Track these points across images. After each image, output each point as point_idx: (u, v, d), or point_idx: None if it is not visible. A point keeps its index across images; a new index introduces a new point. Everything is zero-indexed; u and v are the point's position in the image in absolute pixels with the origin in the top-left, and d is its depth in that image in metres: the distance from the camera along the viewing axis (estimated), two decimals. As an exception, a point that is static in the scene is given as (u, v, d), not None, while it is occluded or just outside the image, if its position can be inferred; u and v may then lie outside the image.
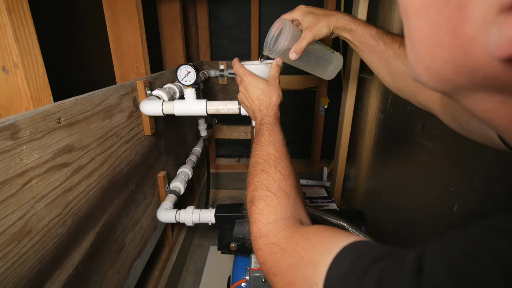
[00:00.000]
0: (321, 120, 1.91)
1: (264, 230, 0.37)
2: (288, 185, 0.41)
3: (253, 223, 0.38)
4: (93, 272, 0.62)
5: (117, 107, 0.71)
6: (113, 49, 0.89)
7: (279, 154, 0.45)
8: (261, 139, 0.48)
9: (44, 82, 0.50)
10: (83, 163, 0.58)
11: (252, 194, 0.42)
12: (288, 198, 0.40)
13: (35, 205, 0.45)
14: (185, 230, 1.41)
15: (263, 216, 0.38)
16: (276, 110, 0.55)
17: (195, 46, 1.79)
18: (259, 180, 0.42)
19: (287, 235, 0.34)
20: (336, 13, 0.55)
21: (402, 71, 0.51)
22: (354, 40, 0.55)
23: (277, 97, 0.56)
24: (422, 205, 0.88)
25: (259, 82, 0.57)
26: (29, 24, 0.46)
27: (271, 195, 0.40)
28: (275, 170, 0.43)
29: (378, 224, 1.18)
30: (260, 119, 0.53)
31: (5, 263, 0.40)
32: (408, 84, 0.51)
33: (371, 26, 0.53)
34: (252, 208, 0.40)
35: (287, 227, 0.35)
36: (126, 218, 0.77)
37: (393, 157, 1.12)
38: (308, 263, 0.28)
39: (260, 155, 0.46)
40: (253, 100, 0.57)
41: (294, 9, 0.58)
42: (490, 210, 0.60)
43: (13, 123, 0.41)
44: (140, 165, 0.86)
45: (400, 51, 0.51)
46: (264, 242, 0.36)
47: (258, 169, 0.44)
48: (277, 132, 0.50)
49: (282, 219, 0.37)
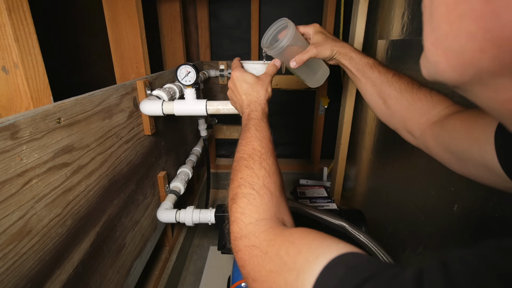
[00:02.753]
0: (321, 120, 1.91)
1: (245, 231, 0.35)
2: (272, 183, 0.40)
3: (234, 222, 0.37)
4: (93, 272, 0.62)
5: (117, 107, 0.71)
6: (113, 49, 0.89)
7: (265, 150, 0.44)
8: (247, 134, 0.47)
9: (44, 82, 0.50)
10: (83, 163, 0.58)
11: (234, 191, 0.40)
12: (272, 197, 0.38)
13: (35, 205, 0.45)
14: (185, 230, 1.41)
15: (245, 215, 0.36)
16: (264, 105, 0.53)
17: (195, 46, 1.79)
18: (242, 176, 0.41)
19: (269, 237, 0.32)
20: (342, 41, 0.59)
21: (394, 97, 0.53)
22: (352, 67, 0.58)
23: (265, 92, 0.55)
24: (422, 205, 0.88)
25: (247, 76, 0.56)
26: (29, 24, 0.46)
27: (255, 193, 0.38)
28: (259, 166, 0.41)
29: (378, 224, 1.18)
30: (247, 114, 0.52)
31: (5, 263, 0.40)
32: (398, 110, 0.52)
33: (369, 57, 0.57)
34: (233, 206, 0.38)
35: (270, 228, 0.33)
36: (126, 218, 0.77)
37: (393, 157, 1.12)
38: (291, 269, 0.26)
39: (245, 150, 0.44)
40: (240, 95, 0.56)
41: (309, 25, 0.61)
42: (490, 210, 0.60)
43: (13, 123, 0.41)
44: (140, 165, 0.86)
45: (393, 79, 0.53)
46: (244, 243, 0.34)
47: (242, 165, 0.42)
48: (264, 127, 0.48)
49: (264, 219, 0.35)
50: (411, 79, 0.52)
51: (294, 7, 1.77)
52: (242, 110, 0.55)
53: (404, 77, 0.53)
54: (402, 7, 1.05)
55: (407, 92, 0.51)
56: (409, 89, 0.51)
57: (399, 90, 0.52)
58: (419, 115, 0.49)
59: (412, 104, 0.50)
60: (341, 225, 0.69)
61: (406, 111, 0.51)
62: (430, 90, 0.49)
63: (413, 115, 0.50)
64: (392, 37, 1.13)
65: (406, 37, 1.02)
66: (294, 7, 1.77)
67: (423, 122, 0.49)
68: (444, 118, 0.45)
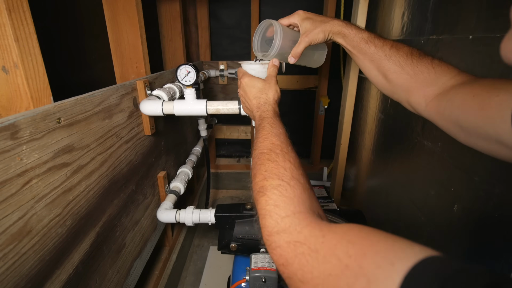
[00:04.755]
0: (321, 120, 1.91)
1: (283, 224, 0.31)
2: (301, 175, 0.37)
3: (267, 215, 0.33)
4: (93, 272, 0.62)
5: (117, 107, 0.71)
6: (113, 49, 0.89)
7: (285, 145, 0.42)
8: (262, 132, 0.46)
9: (44, 82, 0.50)
10: (83, 163, 0.58)
11: (260, 185, 0.37)
12: (304, 189, 0.35)
13: (35, 205, 0.45)
14: (185, 230, 1.41)
15: (280, 207, 0.33)
16: (274, 105, 0.54)
17: (195, 46, 1.79)
18: (267, 169, 0.38)
19: (316, 233, 0.28)
20: (331, 19, 0.57)
21: (394, 71, 0.51)
22: (347, 44, 0.56)
23: (273, 93, 0.56)
24: (422, 205, 0.88)
25: (255, 81, 0.58)
26: (29, 24, 0.46)
27: (285, 184, 0.35)
28: (283, 159, 0.39)
29: (378, 224, 1.18)
30: (259, 116, 0.52)
31: (5, 263, 0.40)
32: (400, 84, 0.51)
33: (363, 31, 0.55)
34: (262, 199, 0.35)
35: (313, 223, 0.30)
36: (126, 218, 0.77)
37: (393, 157, 1.12)
38: (357, 274, 0.22)
39: (264, 145, 0.42)
40: (250, 100, 0.57)
41: (293, 14, 0.59)
42: (490, 210, 0.60)
43: (13, 123, 0.41)
44: (140, 165, 0.86)
45: (391, 52, 0.51)
46: (284, 239, 0.30)
47: (264, 159, 0.39)
48: (279, 124, 0.47)
49: (301, 212, 0.32)
50: (410, 49, 0.50)
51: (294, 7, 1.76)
52: (254, 114, 0.55)
53: (403, 48, 0.50)
54: (402, 7, 1.05)
55: (407, 65, 0.49)
56: (409, 61, 0.49)
57: (398, 63, 0.50)
58: (423, 88, 0.47)
59: (414, 77, 0.48)
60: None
61: (408, 85, 0.49)
62: (432, 60, 0.47)
63: (416, 88, 0.48)
64: (392, 37, 1.13)
65: (406, 37, 1.02)
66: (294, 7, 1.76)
67: (428, 94, 0.46)
68: (450, 90, 0.43)
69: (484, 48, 0.64)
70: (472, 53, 0.68)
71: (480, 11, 0.66)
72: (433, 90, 0.46)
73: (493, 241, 0.60)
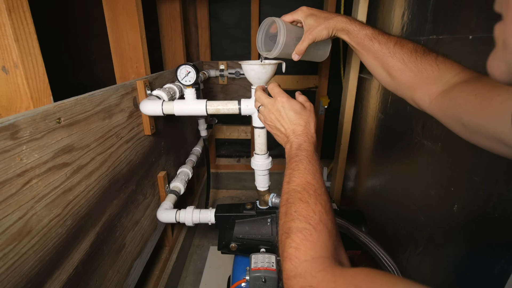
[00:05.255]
0: (321, 120, 1.91)
1: (300, 269, 0.32)
2: (329, 220, 0.37)
3: (287, 259, 0.33)
4: (93, 272, 0.62)
5: (117, 107, 0.71)
6: (113, 49, 0.89)
7: (319, 186, 0.41)
8: (299, 166, 0.45)
9: (44, 82, 0.50)
10: (83, 163, 0.58)
11: (288, 225, 0.37)
12: (330, 235, 0.35)
13: (35, 205, 0.45)
14: (185, 230, 1.41)
15: (300, 251, 0.33)
16: (314, 137, 0.52)
17: (195, 46, 1.79)
18: (296, 210, 0.38)
19: (329, 278, 0.29)
20: (335, 15, 0.56)
21: (398, 69, 0.50)
22: (351, 41, 0.56)
23: (315, 123, 0.54)
24: (422, 205, 0.88)
25: (294, 104, 0.54)
26: (29, 24, 0.46)
27: (311, 228, 0.35)
28: (315, 201, 0.39)
29: (378, 224, 1.18)
30: (297, 144, 0.50)
31: (5, 263, 0.40)
32: (404, 81, 0.50)
33: (367, 27, 0.54)
34: (287, 241, 0.35)
35: (327, 268, 0.31)
36: (126, 218, 0.77)
37: (393, 157, 1.12)
38: None
39: (299, 183, 0.42)
40: (287, 124, 0.53)
41: (296, 10, 0.59)
42: (490, 210, 0.60)
43: (13, 123, 0.41)
44: (140, 165, 0.86)
45: (395, 49, 0.51)
46: (299, 283, 0.31)
47: (295, 198, 0.40)
48: (317, 161, 0.46)
49: (321, 257, 0.32)
50: (414, 46, 0.50)
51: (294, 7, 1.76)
52: (288, 139, 0.52)
53: (407, 45, 0.50)
54: (402, 7, 1.05)
55: (411, 63, 0.49)
56: (413, 58, 0.48)
57: (402, 61, 0.49)
58: (427, 85, 0.47)
59: (418, 74, 0.48)
60: (342, 225, 0.69)
61: (412, 82, 0.49)
62: (436, 57, 0.47)
63: (420, 85, 0.48)
64: (392, 37, 1.13)
65: (406, 37, 1.02)
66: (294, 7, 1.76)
67: (432, 91, 0.46)
68: (454, 87, 0.43)
69: (484, 48, 0.64)
70: (472, 53, 0.68)
71: (480, 11, 0.66)
72: (437, 87, 0.46)
73: (493, 241, 0.60)
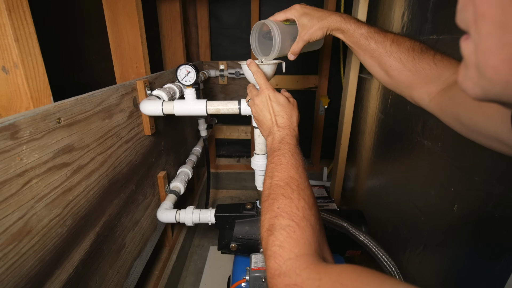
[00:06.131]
0: (321, 120, 1.91)
1: (285, 267, 0.31)
2: (313, 215, 0.37)
3: (271, 257, 0.33)
4: (93, 272, 0.62)
5: (117, 107, 0.71)
6: (113, 49, 0.89)
7: (302, 180, 0.41)
8: (282, 160, 0.44)
9: (44, 82, 0.50)
10: (83, 163, 0.58)
11: (270, 222, 0.36)
12: (313, 231, 0.35)
13: (35, 205, 0.45)
14: (185, 230, 1.41)
15: (284, 249, 0.33)
16: (297, 130, 0.51)
17: (195, 46, 1.79)
18: (279, 206, 0.37)
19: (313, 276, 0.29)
20: (330, 14, 0.55)
21: (395, 68, 0.50)
22: (347, 40, 0.55)
23: (297, 117, 0.53)
24: (422, 205, 0.88)
25: (280, 98, 0.54)
26: (29, 24, 0.46)
27: (294, 225, 0.34)
28: (298, 196, 0.38)
29: (378, 224, 1.18)
30: (280, 137, 0.49)
31: (5, 263, 0.40)
32: (403, 80, 0.50)
33: (363, 26, 0.53)
34: (270, 238, 0.35)
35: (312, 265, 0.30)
36: (126, 218, 0.77)
37: (393, 157, 1.12)
38: None
39: (282, 177, 0.41)
40: (270, 115, 0.53)
41: (290, 9, 0.57)
42: (490, 210, 0.60)
43: (13, 123, 0.41)
44: (140, 165, 0.86)
45: (392, 48, 0.50)
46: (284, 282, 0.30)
47: (278, 193, 0.39)
48: (300, 155, 0.46)
49: (305, 255, 0.32)
50: (412, 44, 0.49)
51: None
52: (271, 131, 0.51)
53: (404, 43, 0.49)
54: (402, 7, 1.05)
55: (408, 62, 0.48)
56: (410, 57, 0.48)
57: (399, 60, 0.49)
58: (425, 84, 0.47)
59: (416, 74, 0.47)
60: (342, 225, 0.69)
61: (411, 81, 0.49)
62: (434, 55, 0.46)
63: (419, 84, 0.47)
64: (392, 37, 1.13)
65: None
66: (294, 7, 1.76)
67: (431, 90, 0.46)
68: (453, 86, 0.42)
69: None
70: (472, 53, 0.68)
71: (480, 11, 0.66)
72: (435, 86, 0.45)
73: (493, 241, 0.60)
